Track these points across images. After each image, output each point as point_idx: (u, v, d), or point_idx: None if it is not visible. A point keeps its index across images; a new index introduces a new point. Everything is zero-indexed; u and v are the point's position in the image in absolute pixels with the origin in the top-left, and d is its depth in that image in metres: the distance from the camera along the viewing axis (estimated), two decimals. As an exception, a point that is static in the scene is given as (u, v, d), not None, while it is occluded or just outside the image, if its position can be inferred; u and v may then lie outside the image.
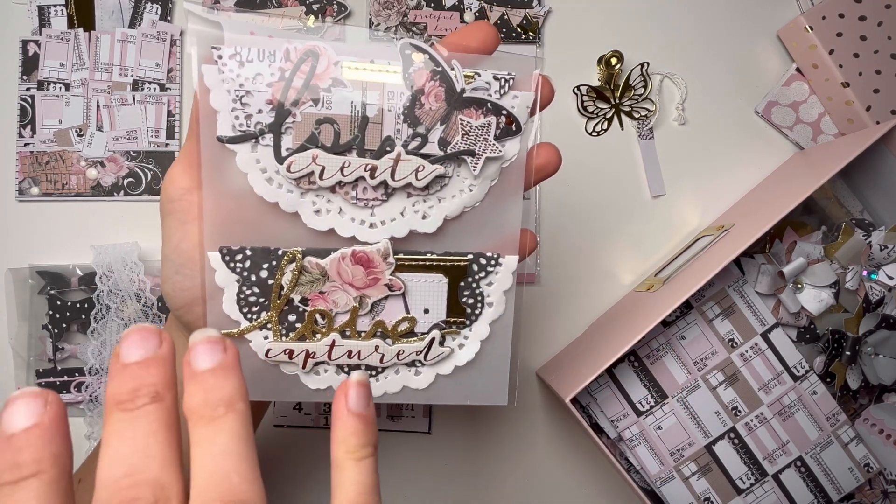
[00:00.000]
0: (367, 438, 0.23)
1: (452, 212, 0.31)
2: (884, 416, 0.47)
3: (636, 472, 0.46)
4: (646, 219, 0.53)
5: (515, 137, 0.31)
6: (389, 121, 0.29)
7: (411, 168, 0.29)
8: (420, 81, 0.29)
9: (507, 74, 0.30)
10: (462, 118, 0.29)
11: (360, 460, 0.23)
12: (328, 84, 0.28)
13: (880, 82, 0.50)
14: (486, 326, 0.32)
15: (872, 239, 0.46)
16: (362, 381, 0.24)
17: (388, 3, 0.51)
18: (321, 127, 0.28)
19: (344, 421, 0.23)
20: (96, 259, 0.49)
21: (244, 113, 0.28)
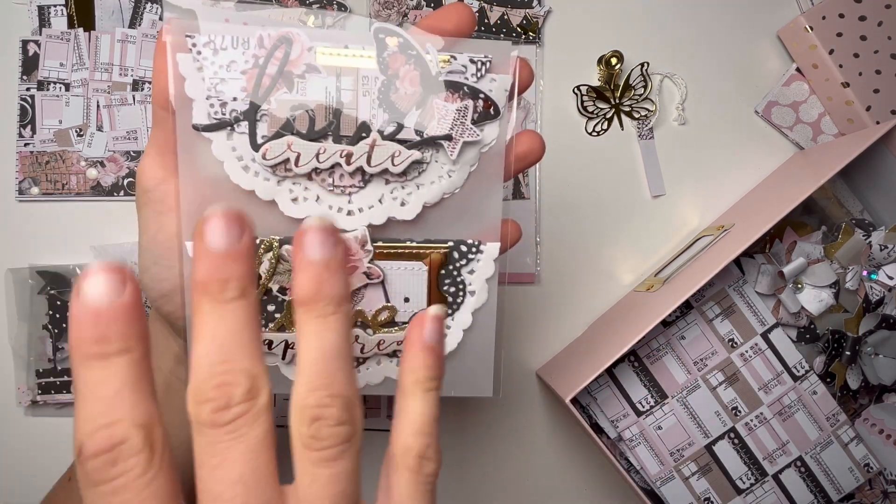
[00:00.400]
0: (436, 372, 0.24)
1: (431, 198, 0.30)
2: (884, 416, 0.47)
3: (636, 472, 0.46)
4: (646, 219, 0.53)
5: (494, 121, 0.30)
6: (365, 106, 0.29)
7: (387, 153, 0.29)
8: (395, 65, 0.29)
9: (484, 57, 0.29)
10: (438, 102, 0.29)
11: (427, 391, 0.23)
12: (302, 70, 0.28)
13: (880, 82, 0.50)
14: (469, 315, 0.32)
15: (872, 239, 0.46)
16: (440, 315, 0.25)
17: (388, 2, 0.51)
18: (296, 113, 0.28)
19: (416, 352, 0.24)
20: (96, 259, 0.49)
21: (219, 101, 0.28)
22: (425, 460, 0.23)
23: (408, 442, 0.23)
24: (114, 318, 0.18)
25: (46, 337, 0.49)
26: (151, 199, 0.29)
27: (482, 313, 0.32)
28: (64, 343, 0.49)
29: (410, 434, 0.23)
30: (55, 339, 0.49)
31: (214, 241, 0.20)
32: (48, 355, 0.49)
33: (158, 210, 0.29)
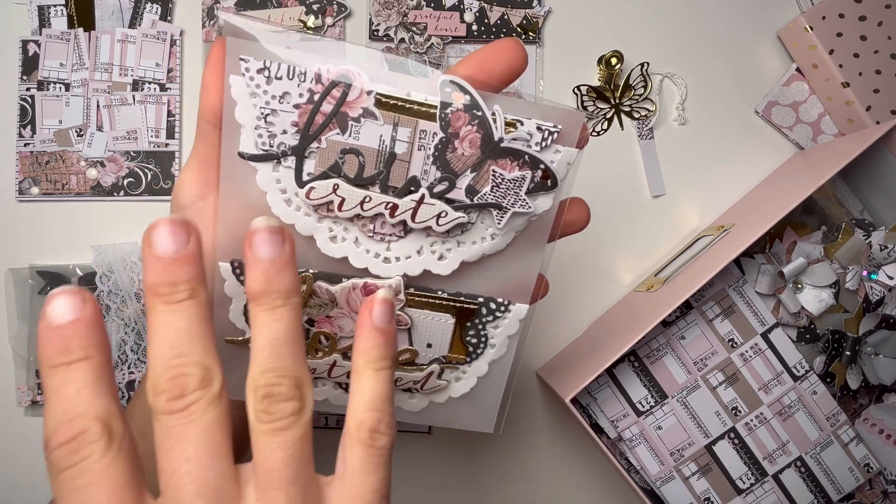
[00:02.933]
0: (386, 352, 0.25)
1: (470, 257, 0.30)
2: (884, 416, 0.47)
3: (636, 472, 0.46)
4: (646, 219, 0.53)
5: (549, 193, 0.29)
6: (417, 160, 0.27)
7: (433, 213, 0.28)
8: (456, 124, 0.27)
9: (553, 126, 0.28)
10: (495, 169, 0.28)
11: (378, 371, 0.25)
12: (358, 114, 0.27)
13: (880, 82, 0.50)
14: (486, 365, 0.32)
15: (872, 239, 0.46)
16: (387, 298, 0.26)
17: (388, 2, 0.51)
18: (346, 157, 0.27)
19: (367, 333, 0.26)
20: (96, 259, 0.49)
21: (268, 132, 0.26)
22: (378, 434, 0.24)
23: (361, 417, 0.24)
24: (74, 332, 0.21)
25: (46, 337, 0.49)
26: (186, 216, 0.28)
27: (498, 364, 0.32)
28: (64, 343, 0.49)
29: (363, 410, 0.24)
30: (55, 339, 0.49)
31: (162, 247, 0.22)
32: (48, 355, 0.49)
33: None
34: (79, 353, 0.21)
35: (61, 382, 0.21)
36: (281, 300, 0.23)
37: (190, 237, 0.23)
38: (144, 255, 0.23)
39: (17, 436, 0.50)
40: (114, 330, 0.49)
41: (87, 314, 0.22)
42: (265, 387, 0.22)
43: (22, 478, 0.50)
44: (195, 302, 0.23)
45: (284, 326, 0.23)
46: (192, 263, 0.23)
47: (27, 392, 0.49)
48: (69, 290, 0.22)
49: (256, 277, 0.23)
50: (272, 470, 0.22)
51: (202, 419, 0.21)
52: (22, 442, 0.50)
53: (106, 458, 0.21)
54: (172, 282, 0.22)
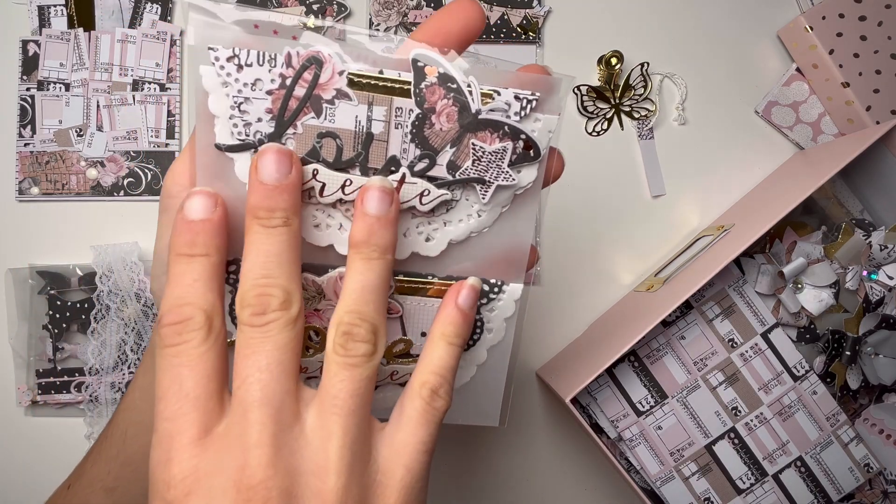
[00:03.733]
0: (462, 331, 0.28)
1: (458, 237, 0.29)
2: (884, 416, 0.47)
3: (636, 472, 0.46)
4: (646, 219, 0.53)
5: (533, 164, 0.28)
6: (396, 139, 0.27)
7: (416, 192, 0.27)
8: (432, 99, 0.26)
9: (531, 94, 0.27)
10: (475, 142, 0.27)
11: (450, 344, 0.27)
12: (332, 95, 0.26)
13: (880, 82, 0.50)
14: (484, 352, 0.31)
15: (872, 239, 0.46)
16: (475, 285, 0.29)
17: (388, 3, 0.51)
18: (323, 141, 0.26)
19: (449, 311, 0.28)
20: (96, 259, 0.49)
21: (243, 121, 0.26)
22: (437, 396, 0.26)
23: (425, 377, 0.26)
24: (202, 230, 0.24)
25: (46, 337, 0.49)
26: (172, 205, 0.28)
27: (497, 350, 0.32)
28: (64, 343, 0.49)
29: (429, 372, 0.26)
30: (55, 339, 0.49)
31: (266, 174, 0.25)
32: (48, 355, 0.49)
33: None
34: (202, 248, 0.24)
35: (181, 271, 0.24)
36: (377, 253, 0.25)
37: (292, 168, 0.25)
38: (250, 178, 0.25)
39: (17, 436, 0.50)
40: (114, 330, 0.49)
41: (216, 217, 0.25)
42: (347, 324, 0.24)
43: (22, 478, 0.50)
44: (288, 230, 0.25)
45: (375, 276, 0.25)
46: (290, 193, 0.25)
47: (27, 392, 0.49)
48: (206, 193, 0.25)
49: (361, 228, 0.25)
50: (336, 397, 0.24)
51: (278, 337, 0.23)
52: (22, 442, 0.50)
53: (203, 346, 0.23)
54: (271, 207, 0.24)
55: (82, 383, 0.49)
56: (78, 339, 0.50)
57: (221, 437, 0.23)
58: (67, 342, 0.50)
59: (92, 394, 0.49)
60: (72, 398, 0.49)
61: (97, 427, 0.50)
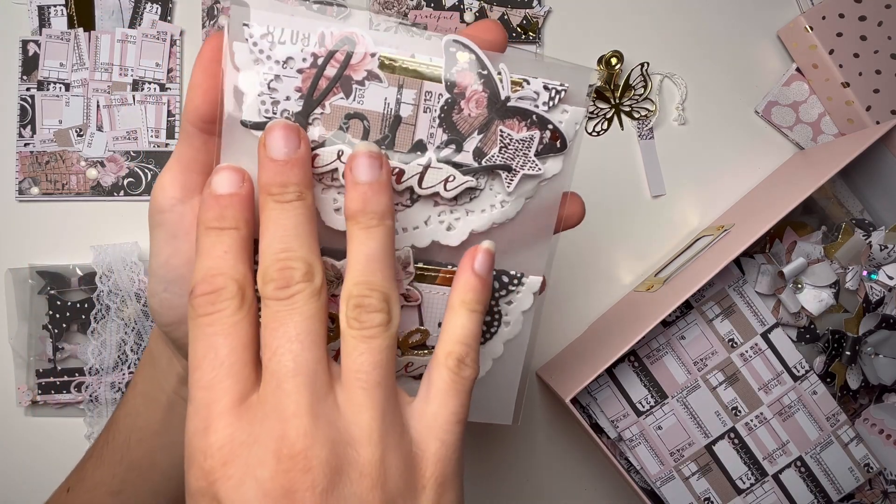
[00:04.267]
0: (482, 297, 0.27)
1: (480, 226, 0.29)
2: (884, 416, 0.47)
3: (636, 472, 0.46)
4: (646, 219, 0.53)
5: (559, 155, 0.28)
6: (423, 123, 0.27)
7: (441, 177, 0.27)
8: (462, 84, 0.26)
9: (560, 85, 0.27)
10: (502, 129, 0.27)
11: (472, 312, 0.27)
12: (362, 76, 0.26)
13: (880, 82, 0.50)
14: (501, 345, 0.31)
15: (872, 239, 0.46)
16: (490, 249, 0.28)
17: (389, 3, 0.51)
18: (350, 122, 0.26)
19: (466, 277, 0.27)
20: (96, 259, 0.49)
21: (271, 99, 0.26)
22: (464, 365, 0.26)
23: (451, 347, 0.26)
24: (230, 204, 0.25)
25: (46, 337, 0.49)
26: (165, 220, 0.28)
27: (513, 344, 0.31)
28: (64, 343, 0.49)
29: (454, 342, 0.26)
30: (55, 339, 0.49)
31: (275, 149, 0.25)
32: (48, 355, 0.49)
33: (172, 233, 0.28)
34: (231, 222, 0.24)
35: (212, 244, 0.24)
36: (376, 220, 0.25)
37: (301, 142, 0.25)
38: (260, 155, 0.25)
39: (17, 436, 0.50)
40: (114, 330, 0.49)
41: (244, 191, 0.25)
42: (357, 297, 0.24)
43: (22, 478, 0.50)
44: (302, 203, 0.25)
45: (377, 244, 0.25)
46: (301, 167, 0.25)
47: (27, 392, 0.49)
48: (233, 168, 0.25)
49: (355, 198, 0.25)
50: (359, 371, 0.24)
51: (304, 308, 0.23)
52: (22, 442, 0.50)
53: (237, 315, 0.23)
54: (283, 182, 0.24)
55: (82, 383, 0.49)
56: (78, 339, 0.50)
57: (257, 407, 0.23)
58: (67, 342, 0.50)
59: (92, 394, 0.49)
60: (72, 398, 0.49)
61: (97, 427, 0.50)
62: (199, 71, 0.26)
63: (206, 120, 0.27)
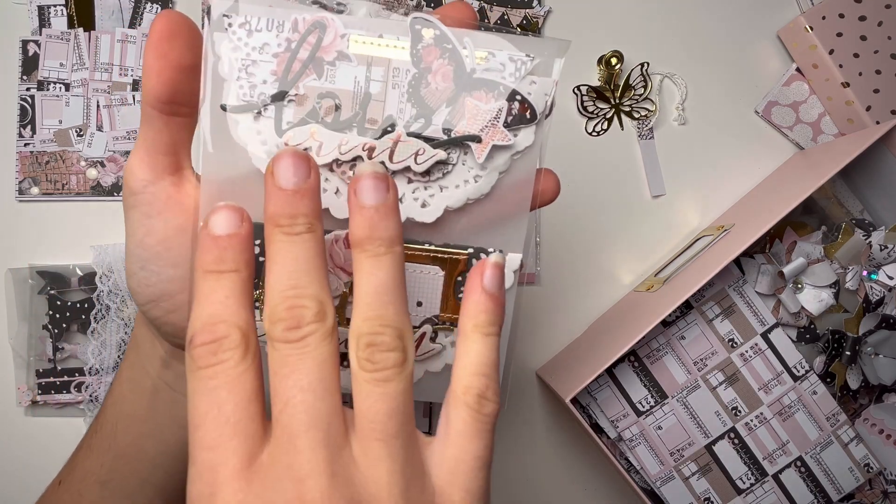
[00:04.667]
0: (495, 318, 0.25)
1: (454, 202, 0.29)
2: (884, 416, 0.47)
3: (636, 472, 0.46)
4: (646, 219, 0.53)
5: (529, 126, 0.28)
6: (393, 99, 0.27)
7: (411, 151, 0.28)
8: (428, 59, 0.27)
9: (525, 56, 0.28)
10: (470, 100, 0.28)
11: (487, 336, 0.25)
12: (333, 57, 0.27)
13: (880, 82, 0.50)
14: None
15: (872, 239, 0.46)
16: (500, 262, 0.26)
17: (390, 3, 0.51)
18: (322, 101, 0.27)
19: (477, 297, 0.25)
20: (96, 259, 0.49)
21: (248, 83, 0.27)
22: (485, 400, 0.24)
23: (468, 381, 0.24)
24: (230, 245, 0.23)
25: (46, 337, 0.49)
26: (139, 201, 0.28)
27: None
28: (64, 343, 0.49)
29: (471, 374, 0.24)
30: (55, 339, 0.49)
31: (284, 179, 0.23)
32: (48, 355, 0.49)
33: (146, 213, 0.28)
34: (231, 264, 0.23)
35: (211, 288, 0.23)
36: (384, 247, 0.23)
37: (311, 171, 0.24)
38: (267, 185, 0.23)
39: (17, 436, 0.50)
40: (114, 330, 0.49)
41: (243, 231, 0.23)
42: (368, 335, 0.22)
43: (22, 478, 0.50)
44: (312, 236, 0.23)
45: (387, 274, 0.23)
46: (311, 197, 0.23)
47: (27, 392, 0.49)
48: (232, 207, 0.23)
49: (361, 223, 0.23)
50: (375, 421, 0.22)
51: (316, 352, 0.22)
52: (22, 442, 0.50)
53: (241, 365, 0.22)
54: (293, 214, 0.23)
55: (82, 383, 0.49)
56: (78, 339, 0.50)
57: (268, 468, 0.21)
58: (67, 342, 0.50)
59: (92, 394, 0.49)
60: (72, 398, 0.49)
61: (97, 427, 0.50)
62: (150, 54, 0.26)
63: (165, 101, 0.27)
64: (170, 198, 0.28)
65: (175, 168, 0.29)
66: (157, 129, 0.28)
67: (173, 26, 0.26)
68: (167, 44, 0.26)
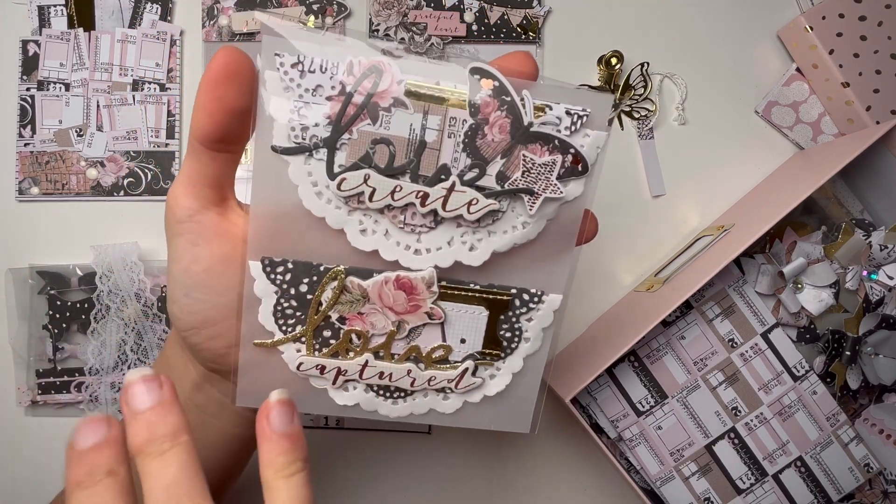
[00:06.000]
0: (294, 455, 0.25)
1: (502, 247, 0.29)
2: (884, 416, 0.47)
3: (636, 472, 0.46)
4: (646, 219, 0.53)
5: (580, 178, 0.29)
6: (448, 148, 0.27)
7: (464, 200, 0.28)
8: (486, 110, 0.27)
9: (582, 110, 0.28)
10: (525, 154, 0.28)
11: (290, 477, 0.24)
12: (389, 103, 0.27)
13: (880, 82, 0.50)
14: (521, 360, 0.32)
15: (872, 239, 0.46)
16: (283, 399, 0.26)
17: (388, 2, 0.51)
18: (376, 147, 0.27)
19: (268, 442, 0.25)
20: (96, 259, 0.49)
21: (301, 125, 0.27)
22: None
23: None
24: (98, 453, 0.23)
25: (46, 337, 0.49)
26: (185, 229, 0.28)
27: (533, 359, 0.32)
28: (64, 343, 0.49)
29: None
30: (55, 339, 0.49)
31: (140, 403, 0.23)
32: (48, 355, 0.49)
33: (192, 241, 0.28)
34: (103, 472, 0.23)
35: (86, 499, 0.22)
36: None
37: (163, 386, 0.24)
38: (125, 415, 0.24)
39: (17, 436, 0.50)
40: (114, 330, 0.49)
41: (112, 435, 0.23)
42: None
43: (22, 478, 0.50)
44: (114, 479, 0.23)
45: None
46: (170, 411, 0.23)
47: (27, 392, 0.49)
48: (92, 420, 0.23)
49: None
50: None
51: None
52: (22, 442, 0.50)
53: None
54: (154, 437, 0.23)
55: (82, 383, 0.49)
56: (78, 339, 0.50)
57: None
58: (67, 342, 0.50)
59: (92, 394, 0.49)
60: (72, 398, 0.49)
61: (97, 427, 0.50)
62: (204, 93, 0.26)
63: (214, 140, 0.27)
64: (216, 227, 0.29)
65: (220, 199, 0.29)
66: (204, 164, 0.28)
67: (232, 66, 0.26)
68: (224, 87, 0.26)
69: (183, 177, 0.28)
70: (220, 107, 0.26)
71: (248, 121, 0.27)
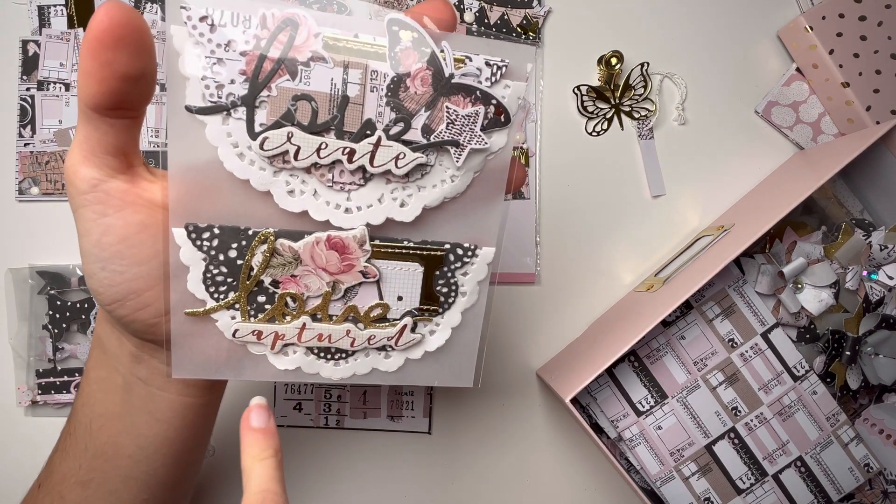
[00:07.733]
0: (267, 444, 0.29)
1: (432, 201, 0.30)
2: (884, 416, 0.47)
3: (636, 472, 0.46)
4: (646, 219, 0.53)
5: (503, 129, 0.29)
6: (371, 102, 0.27)
7: (391, 155, 0.28)
8: (406, 62, 0.27)
9: (501, 61, 0.28)
10: (448, 105, 0.28)
11: (263, 460, 0.29)
12: (307, 57, 0.26)
13: (880, 82, 0.50)
14: (458, 315, 0.32)
15: (872, 239, 0.46)
16: (261, 404, 0.31)
17: (389, 2, 0.51)
18: (298, 104, 0.26)
19: (248, 436, 0.30)
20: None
21: (215, 82, 0.26)
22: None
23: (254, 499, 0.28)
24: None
25: (46, 337, 0.49)
26: (89, 200, 0.27)
27: (471, 313, 0.32)
28: (64, 343, 0.49)
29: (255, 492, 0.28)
30: (55, 339, 0.49)
31: None
32: (48, 355, 0.49)
33: (100, 211, 0.27)
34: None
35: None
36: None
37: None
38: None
39: (17, 436, 0.50)
40: (114, 330, 0.49)
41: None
42: None
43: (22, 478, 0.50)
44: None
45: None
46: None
47: (27, 392, 0.49)
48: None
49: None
50: None
51: None
52: (22, 442, 0.50)
53: None
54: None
55: (82, 383, 0.49)
56: (78, 339, 0.50)
57: None
58: (67, 342, 0.50)
59: (92, 394, 0.49)
60: (72, 398, 0.49)
61: (97, 427, 0.50)
62: (88, 58, 0.24)
63: (107, 108, 0.25)
64: (125, 195, 0.27)
65: (125, 166, 0.28)
66: (102, 131, 0.26)
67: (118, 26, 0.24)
68: (112, 51, 0.24)
69: (78, 146, 0.27)
70: (110, 72, 0.24)
71: (146, 83, 0.25)
